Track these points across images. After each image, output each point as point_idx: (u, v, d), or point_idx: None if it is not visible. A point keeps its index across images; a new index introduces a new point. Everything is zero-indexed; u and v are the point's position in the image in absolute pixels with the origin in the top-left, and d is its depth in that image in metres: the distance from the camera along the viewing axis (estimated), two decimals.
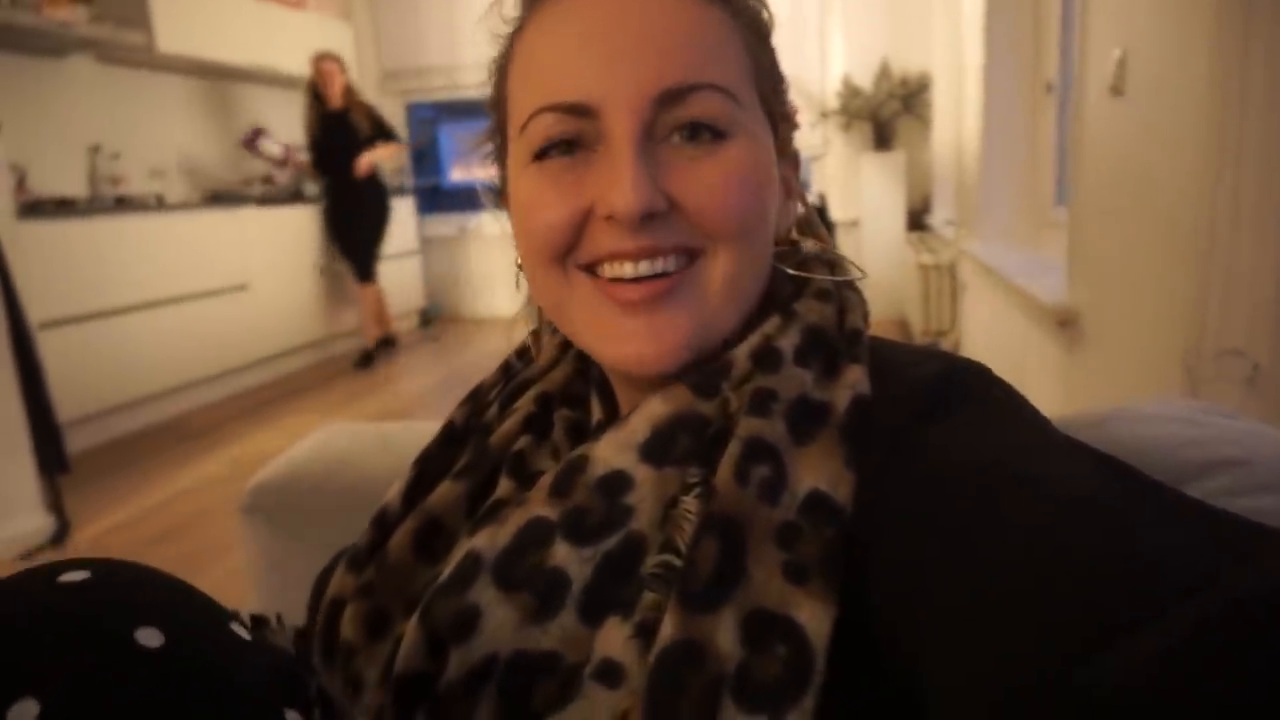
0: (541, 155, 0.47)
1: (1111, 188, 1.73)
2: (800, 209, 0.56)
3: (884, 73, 5.05)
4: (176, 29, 4.06)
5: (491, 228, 6.23)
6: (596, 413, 0.53)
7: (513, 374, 0.61)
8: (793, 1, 5.18)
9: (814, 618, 0.37)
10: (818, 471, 0.41)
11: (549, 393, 0.55)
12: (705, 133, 0.45)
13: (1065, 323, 1.99)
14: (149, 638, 0.35)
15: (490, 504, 0.50)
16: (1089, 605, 0.28)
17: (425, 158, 6.69)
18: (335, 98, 4.42)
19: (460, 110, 6.56)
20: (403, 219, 5.91)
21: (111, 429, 3.51)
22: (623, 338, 0.46)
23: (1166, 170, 1.41)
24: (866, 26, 5.15)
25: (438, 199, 6.55)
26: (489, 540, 0.44)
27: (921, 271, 4.07)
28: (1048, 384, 2.24)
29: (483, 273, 6.31)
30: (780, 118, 0.51)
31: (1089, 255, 1.89)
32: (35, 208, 3.28)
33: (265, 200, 4.62)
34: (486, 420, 0.57)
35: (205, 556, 2.37)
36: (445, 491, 0.52)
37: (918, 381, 0.43)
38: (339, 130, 4.46)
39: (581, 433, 0.53)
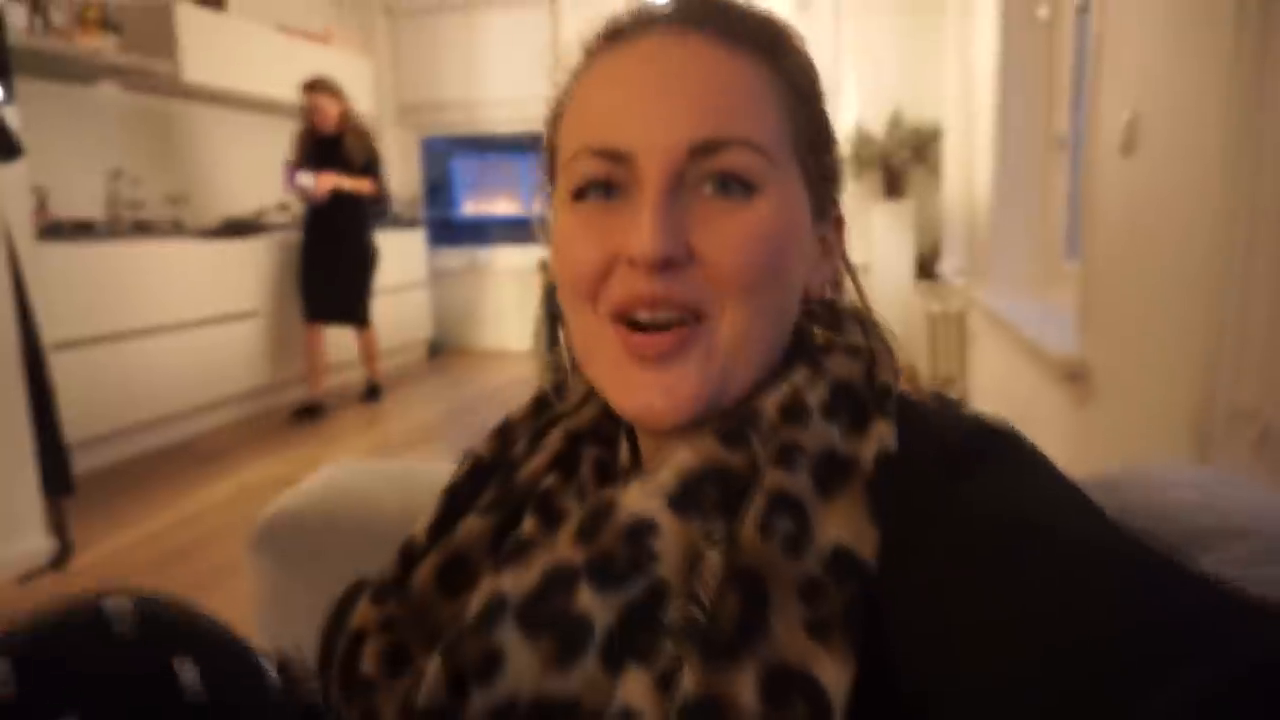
0: (580, 195, 0.49)
1: (1123, 245, 1.74)
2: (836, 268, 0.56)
3: (896, 121, 5.11)
4: (203, 59, 4.14)
5: (502, 261, 6.31)
6: (624, 454, 0.54)
7: (544, 409, 0.61)
8: (807, 47, 5.25)
9: (835, 675, 0.37)
10: (842, 526, 0.41)
11: (578, 430, 0.56)
12: (735, 186, 0.46)
13: (1075, 376, 2.00)
14: (186, 672, 0.37)
15: (514, 542, 0.50)
16: (1109, 677, 0.29)
17: (439, 190, 6.77)
18: (326, 127, 4.22)
19: (473, 144, 6.66)
20: (413, 250, 5.97)
21: (119, 451, 3.52)
22: (637, 389, 0.47)
23: (1178, 230, 1.42)
24: (879, 75, 5.22)
25: (449, 231, 6.61)
26: (514, 582, 0.44)
27: (929, 320, 4.08)
28: (1055, 437, 2.23)
29: (492, 306, 6.35)
30: (821, 179, 0.52)
31: (1100, 310, 1.90)
32: (54, 230, 3.33)
33: (280, 228, 4.67)
34: (514, 455, 0.57)
35: (208, 582, 2.37)
36: (471, 526, 0.52)
37: (945, 439, 0.44)
38: (329, 158, 4.23)
39: (608, 472, 0.54)
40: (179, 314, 3.77)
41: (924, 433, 0.45)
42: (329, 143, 4.22)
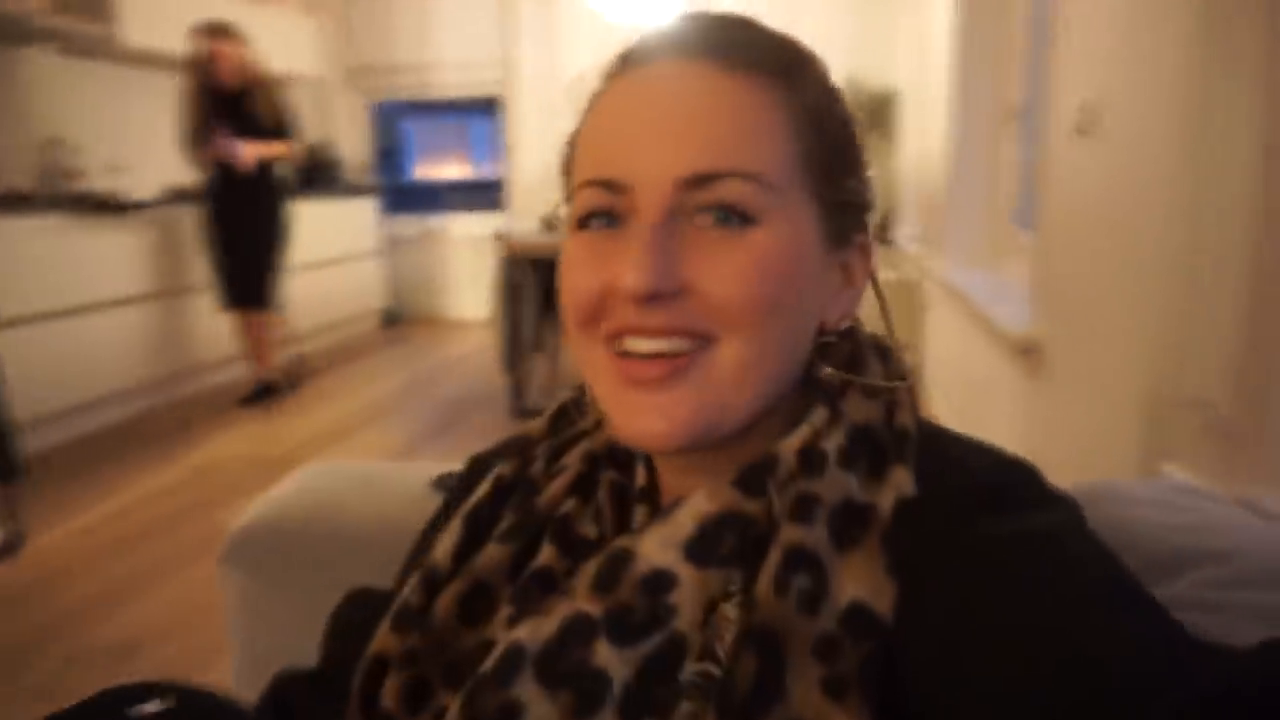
0: (583, 223, 0.49)
1: (1078, 224, 1.77)
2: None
3: (850, 86, 5.08)
4: (140, 21, 3.97)
5: (457, 228, 6.22)
6: (640, 478, 0.54)
7: (561, 423, 0.61)
8: (755, 13, 5.20)
9: None
10: (859, 580, 0.42)
11: (596, 452, 0.56)
12: (733, 217, 0.45)
13: (1027, 351, 2.04)
14: None
15: (532, 571, 0.51)
16: None
17: (390, 155, 6.62)
18: (226, 78, 3.62)
19: (426, 108, 6.51)
20: (365, 218, 5.85)
21: (68, 431, 3.43)
22: (634, 412, 0.47)
23: (1134, 212, 1.45)
24: (832, 39, 5.20)
25: (402, 198, 6.49)
26: (532, 633, 0.44)
27: (884, 288, 4.12)
28: (1009, 410, 2.29)
29: (449, 274, 6.27)
30: (840, 204, 0.50)
31: (1054, 287, 1.94)
32: None
33: None
34: (533, 475, 0.57)
35: (166, 568, 2.33)
36: (491, 554, 0.52)
37: (964, 484, 0.44)
38: (232, 116, 3.64)
39: (626, 496, 0.54)
40: (125, 288, 3.66)
41: (941, 477, 0.45)
42: (230, 100, 3.64)
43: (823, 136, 0.50)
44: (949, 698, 0.37)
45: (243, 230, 3.77)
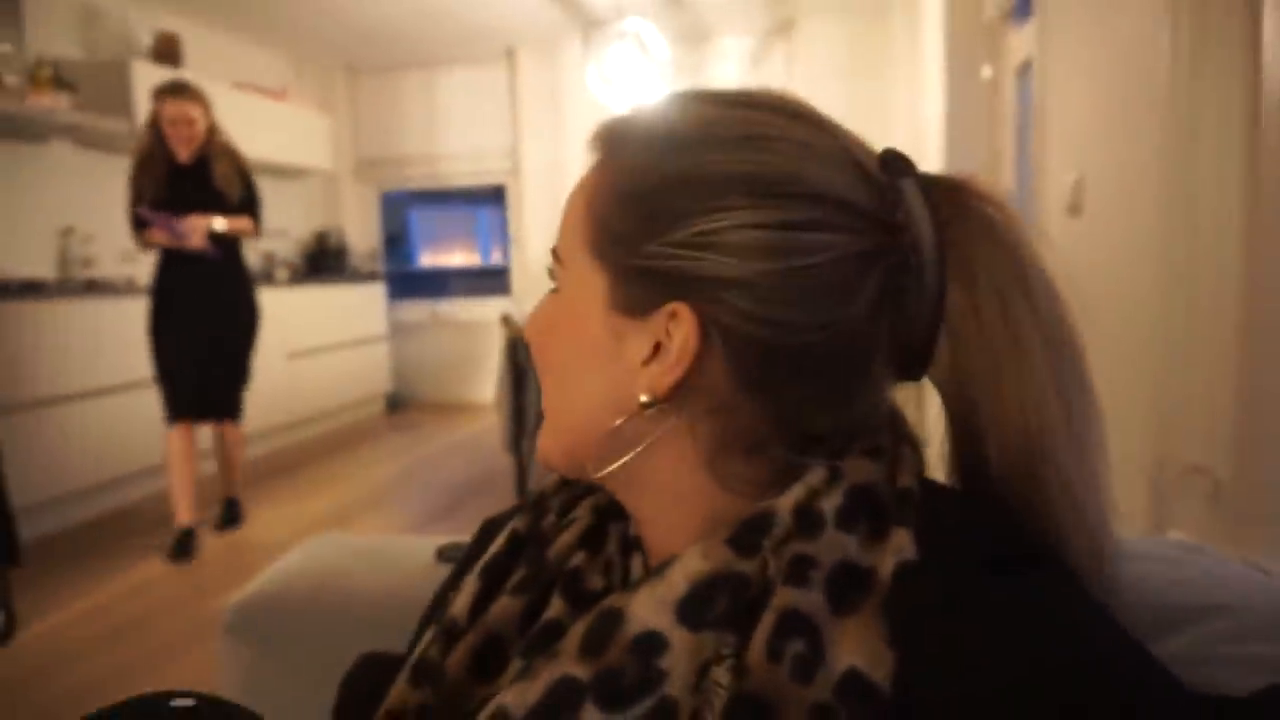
0: None
1: (1072, 299, 1.80)
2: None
3: None
4: None
5: (463, 313, 6.30)
6: (633, 525, 0.54)
7: (573, 481, 0.61)
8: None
9: None
10: (856, 648, 0.40)
11: (602, 505, 0.57)
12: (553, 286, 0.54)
13: None
14: None
15: (542, 625, 0.50)
16: None
17: (397, 242, 6.76)
18: (190, 148, 3.11)
19: (431, 197, 6.68)
20: (373, 304, 5.94)
21: (67, 517, 3.41)
22: None
23: (1124, 287, 1.48)
24: None
25: (408, 284, 6.60)
26: (519, 698, 0.43)
27: None
28: None
29: (453, 358, 6.32)
30: (640, 271, 0.47)
31: None
32: (3, 289, 3.25)
33: None
34: (545, 529, 0.57)
35: (162, 656, 2.29)
36: (503, 607, 0.52)
37: (966, 547, 0.43)
38: (193, 190, 3.12)
39: (630, 547, 0.54)
40: (131, 373, 3.69)
41: (945, 540, 0.44)
42: (188, 172, 3.13)
43: (622, 204, 0.48)
44: None
45: (212, 325, 3.22)
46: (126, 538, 3.28)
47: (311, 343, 5.04)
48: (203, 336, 3.18)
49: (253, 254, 5.13)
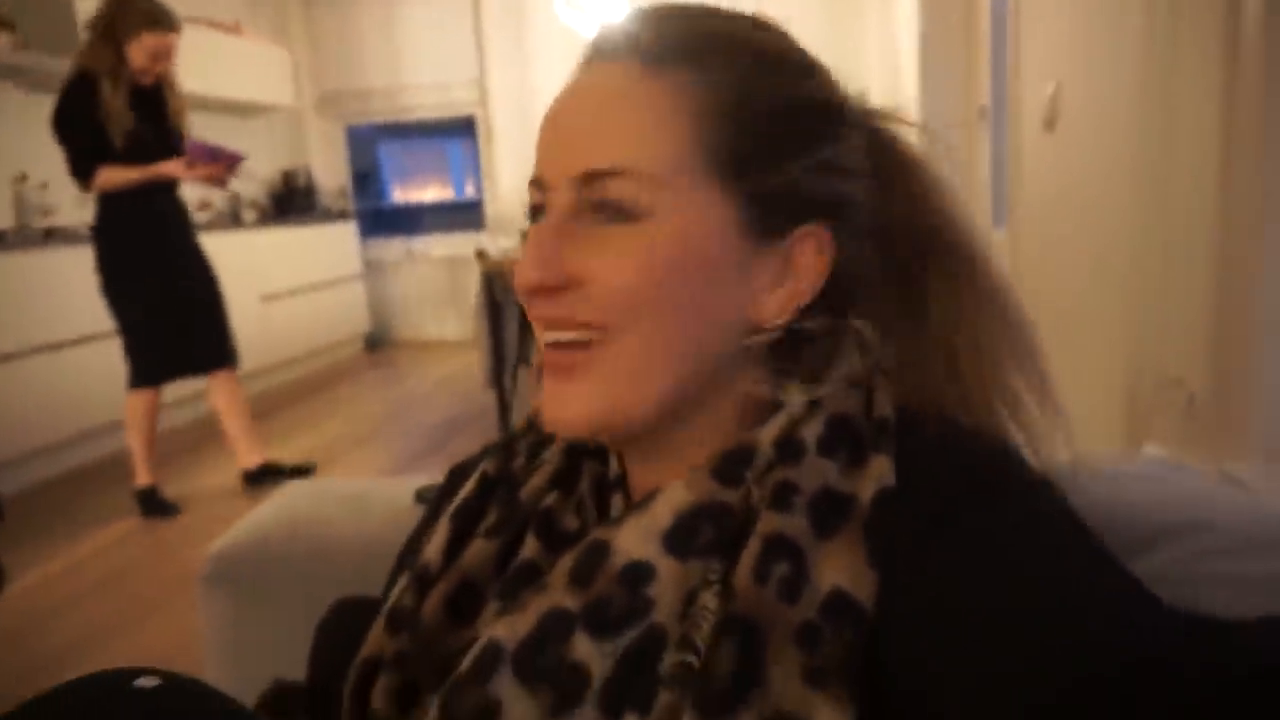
0: (531, 218, 0.51)
1: (1048, 215, 1.79)
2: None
3: None
4: None
5: (438, 249, 6.21)
6: (613, 466, 0.54)
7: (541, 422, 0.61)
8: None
9: None
10: (840, 569, 0.41)
11: (575, 445, 0.56)
12: (619, 214, 0.46)
13: None
14: None
15: (517, 566, 0.50)
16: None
17: (367, 179, 6.62)
18: (148, 81, 2.78)
19: (400, 130, 6.52)
20: (345, 243, 5.84)
21: (45, 470, 3.39)
22: (546, 399, 0.49)
23: (1100, 200, 1.47)
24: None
25: (381, 221, 6.48)
26: (509, 630, 0.44)
27: None
28: None
29: (430, 295, 6.26)
30: (768, 195, 0.47)
31: (1028, 279, 1.96)
32: None
33: (204, 227, 4.51)
34: (515, 471, 0.57)
35: (143, 609, 2.30)
36: (477, 550, 0.52)
37: (944, 472, 0.44)
38: (149, 119, 2.80)
39: (605, 487, 0.54)
40: (100, 324, 3.62)
41: (922, 465, 0.44)
42: (145, 101, 2.81)
43: (740, 125, 0.47)
44: (931, 687, 0.37)
45: (197, 271, 3.02)
46: (98, 493, 3.25)
47: (284, 285, 4.96)
48: (182, 288, 2.94)
49: (218, 196, 5.02)
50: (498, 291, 3.53)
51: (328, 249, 5.61)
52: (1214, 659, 0.32)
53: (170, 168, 2.80)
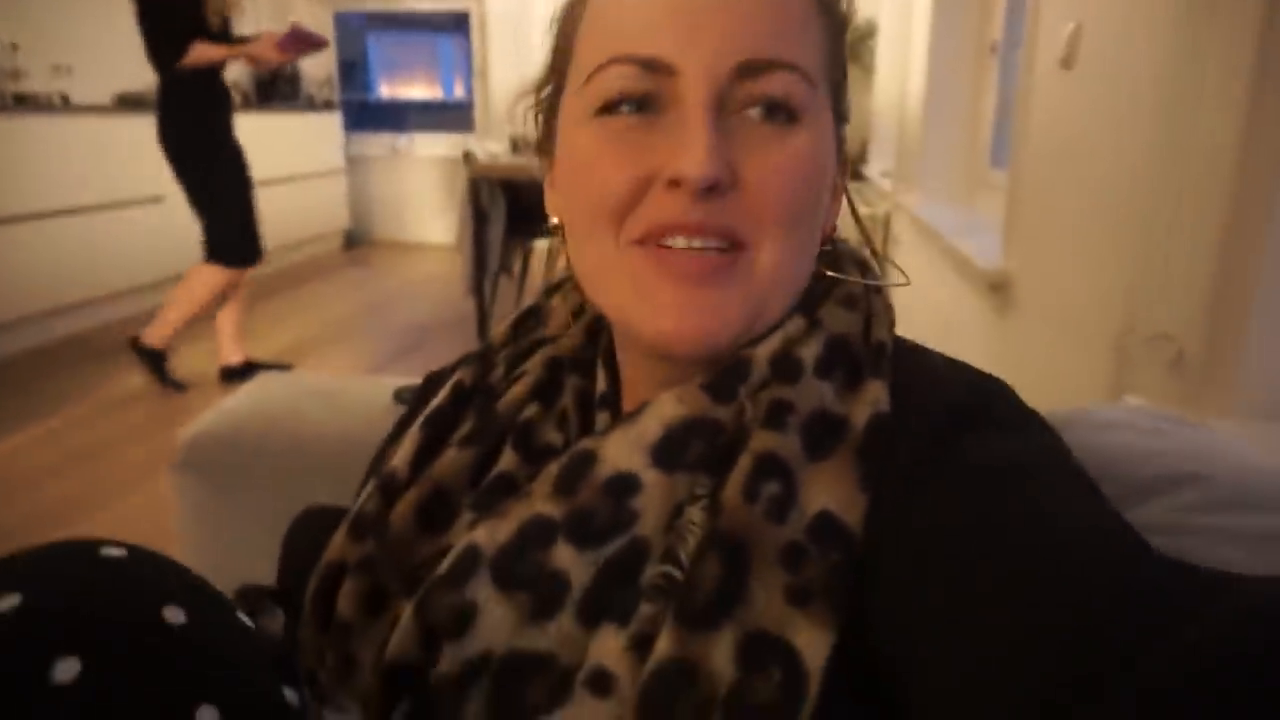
0: (607, 109, 0.44)
1: (1054, 159, 1.76)
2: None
3: None
4: None
5: (423, 149, 6.06)
6: (601, 383, 0.52)
7: (522, 331, 0.59)
8: None
9: (812, 643, 0.37)
10: (830, 491, 0.41)
11: (558, 358, 0.54)
12: (780, 113, 0.43)
13: (997, 287, 2.04)
14: (174, 615, 0.37)
15: (494, 477, 0.49)
16: (1086, 647, 0.29)
17: (354, 71, 6.40)
18: None
19: (393, 23, 6.27)
20: (328, 135, 5.67)
21: (15, 343, 3.33)
22: (672, 309, 0.43)
23: (1111, 149, 1.44)
24: None
25: (366, 115, 6.29)
26: (489, 535, 0.43)
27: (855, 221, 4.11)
28: (977, 345, 2.30)
29: (413, 196, 6.13)
30: (839, 115, 0.49)
31: (1026, 223, 1.93)
32: None
33: None
34: (493, 382, 0.55)
35: (120, 484, 2.29)
36: (450, 460, 0.50)
37: (938, 401, 0.43)
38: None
39: (590, 402, 0.52)
40: (73, 198, 3.51)
41: (917, 394, 0.44)
42: None
43: (840, 44, 0.49)
44: (916, 616, 0.36)
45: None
46: (77, 366, 3.22)
47: (264, 174, 4.75)
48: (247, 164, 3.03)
49: None
50: (484, 196, 3.46)
51: (311, 140, 5.46)
52: (1198, 601, 0.30)
53: (261, 49, 2.87)
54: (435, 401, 0.55)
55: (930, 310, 2.90)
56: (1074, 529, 0.34)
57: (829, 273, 0.50)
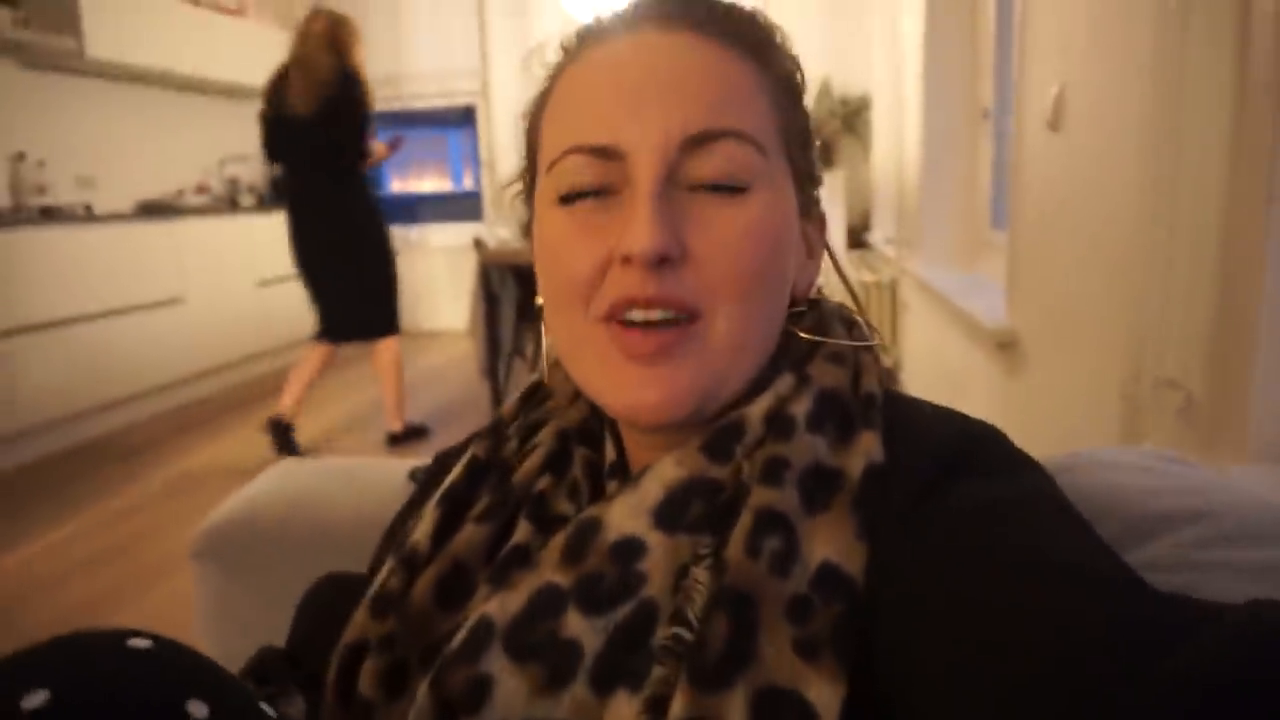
0: (568, 200, 0.47)
1: (1050, 217, 1.79)
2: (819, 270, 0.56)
3: (824, 91, 5.15)
4: (107, 34, 3.93)
5: (434, 239, 6.19)
6: (610, 454, 0.53)
7: (531, 406, 0.60)
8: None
9: (825, 695, 0.37)
10: (830, 543, 0.41)
11: (567, 430, 0.55)
12: (727, 184, 0.45)
13: (1005, 345, 2.05)
14: (198, 710, 0.36)
15: (509, 550, 0.49)
16: (1084, 695, 0.29)
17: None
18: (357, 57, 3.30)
19: (399, 119, 6.49)
20: None
21: (39, 448, 3.37)
22: (629, 386, 0.46)
23: (1104, 203, 1.47)
24: (807, 45, 5.17)
25: None
26: (500, 607, 0.44)
27: (862, 289, 4.15)
28: (987, 404, 2.30)
29: (425, 285, 6.24)
30: (806, 177, 0.51)
31: (1028, 281, 1.95)
32: None
33: (201, 211, 4.50)
34: (506, 456, 0.56)
35: (141, 583, 2.29)
36: (469, 535, 0.51)
37: (931, 448, 0.44)
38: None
39: (598, 472, 0.53)
40: (99, 303, 3.61)
41: (910, 443, 0.44)
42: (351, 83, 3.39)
43: (794, 109, 0.51)
44: (917, 665, 0.36)
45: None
46: (99, 468, 3.25)
47: (281, 270, 4.90)
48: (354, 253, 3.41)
49: (216, 180, 5.00)
50: (494, 282, 3.52)
51: None
52: (1198, 639, 0.31)
53: (381, 149, 3.50)
54: (451, 476, 0.56)
55: (941, 373, 2.91)
56: (1065, 565, 0.35)
57: (803, 334, 0.50)
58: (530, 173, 0.55)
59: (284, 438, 3.31)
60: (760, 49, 0.49)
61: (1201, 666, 0.27)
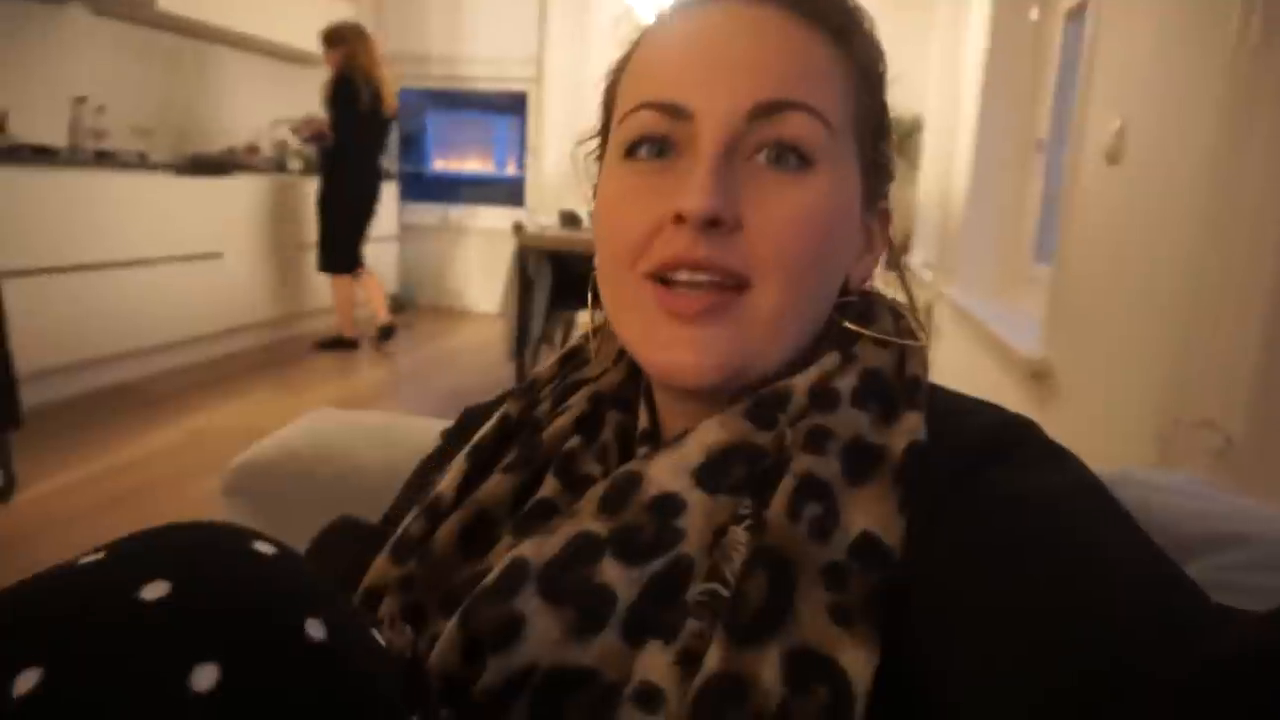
0: (632, 151, 0.48)
1: (1100, 250, 1.77)
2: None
3: None
4: None
5: (474, 221, 6.23)
6: (643, 420, 0.53)
7: (568, 370, 0.60)
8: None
9: (856, 661, 0.37)
10: (870, 514, 0.41)
11: (602, 393, 0.55)
12: (791, 156, 0.45)
13: (1038, 375, 2.03)
14: (316, 630, 0.33)
15: (534, 503, 0.50)
16: (1115, 667, 0.30)
17: (410, 144, 6.64)
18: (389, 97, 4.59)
19: (449, 100, 6.53)
20: (384, 203, 5.86)
21: (70, 387, 3.42)
22: (668, 345, 0.46)
23: (1158, 238, 1.45)
24: None
25: (420, 186, 6.50)
26: (536, 549, 0.44)
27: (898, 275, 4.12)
28: None
29: (461, 265, 6.28)
30: (876, 166, 0.51)
31: (1069, 312, 1.93)
32: (13, 153, 3.20)
33: (247, 169, 4.56)
34: (538, 415, 0.56)
35: (162, 520, 2.32)
36: (494, 485, 0.52)
37: (973, 431, 0.44)
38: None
39: (629, 437, 0.53)
40: (138, 250, 3.66)
41: (951, 426, 0.45)
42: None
43: (872, 97, 0.51)
44: (948, 637, 0.36)
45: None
46: (127, 412, 3.30)
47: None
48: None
49: (266, 142, 5.06)
50: (531, 267, 3.54)
51: None
52: (1237, 635, 0.30)
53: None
54: (482, 431, 0.57)
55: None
56: (1105, 562, 0.35)
57: (847, 324, 0.50)
58: (604, 133, 0.55)
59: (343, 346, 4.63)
60: (844, 32, 0.49)
61: (1246, 658, 0.27)
